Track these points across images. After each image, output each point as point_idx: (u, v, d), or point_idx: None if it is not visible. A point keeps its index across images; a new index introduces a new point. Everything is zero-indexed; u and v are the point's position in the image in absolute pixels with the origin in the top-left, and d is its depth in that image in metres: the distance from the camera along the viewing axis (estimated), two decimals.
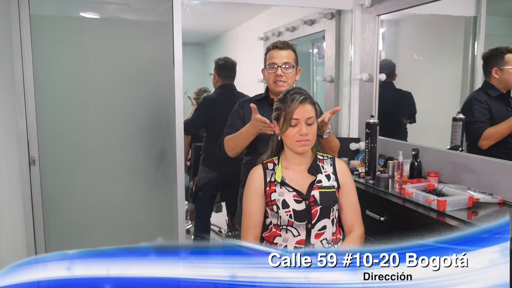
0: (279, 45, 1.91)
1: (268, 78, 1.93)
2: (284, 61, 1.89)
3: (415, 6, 2.34)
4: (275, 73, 1.89)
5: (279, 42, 1.93)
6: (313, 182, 1.55)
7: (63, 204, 2.39)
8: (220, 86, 3.03)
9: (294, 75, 1.92)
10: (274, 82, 1.90)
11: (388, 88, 2.69)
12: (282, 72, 1.89)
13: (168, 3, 2.32)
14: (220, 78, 3.04)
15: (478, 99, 2.10)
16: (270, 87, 1.95)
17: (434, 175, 2.07)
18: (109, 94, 2.41)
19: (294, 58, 1.92)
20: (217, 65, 3.06)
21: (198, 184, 3.08)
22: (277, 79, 1.89)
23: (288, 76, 1.89)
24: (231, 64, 3.06)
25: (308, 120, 1.51)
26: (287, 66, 1.89)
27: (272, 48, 1.93)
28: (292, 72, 1.90)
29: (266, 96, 1.97)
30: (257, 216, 1.56)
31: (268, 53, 1.95)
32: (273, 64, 1.90)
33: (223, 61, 3.06)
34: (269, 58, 1.93)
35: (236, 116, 1.98)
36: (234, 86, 3.06)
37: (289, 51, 1.91)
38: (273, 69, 1.90)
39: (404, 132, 2.65)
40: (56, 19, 2.33)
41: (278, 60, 1.89)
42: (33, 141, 2.26)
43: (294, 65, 1.92)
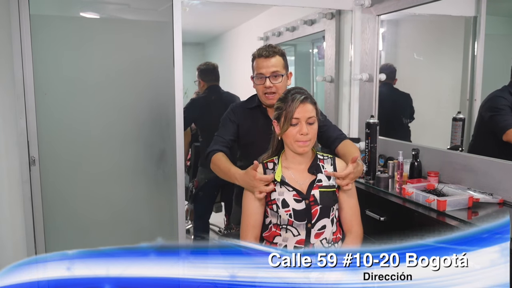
0: (264, 54, 1.79)
1: (258, 89, 1.84)
2: (271, 70, 1.78)
3: (415, 6, 2.35)
4: (264, 85, 1.79)
5: (264, 49, 1.80)
6: (313, 182, 1.55)
7: (63, 204, 2.39)
8: (207, 88, 3.12)
9: (284, 83, 1.81)
10: (264, 94, 1.81)
11: (387, 89, 2.69)
12: (271, 83, 1.78)
13: (168, 3, 2.32)
14: (205, 82, 3.14)
15: (503, 96, 2.07)
16: (260, 99, 1.86)
17: (434, 175, 2.07)
18: (109, 94, 2.41)
19: (282, 64, 1.81)
20: (200, 70, 3.16)
21: (198, 186, 3.08)
22: (266, 91, 1.80)
23: (278, 86, 1.79)
24: (213, 67, 3.15)
25: (309, 119, 1.51)
26: (275, 75, 1.79)
27: (257, 56, 1.81)
28: (281, 81, 1.79)
29: (259, 105, 1.90)
30: (257, 216, 1.57)
31: (255, 61, 1.84)
32: (260, 75, 1.80)
33: (204, 65, 3.16)
34: (256, 68, 1.82)
35: (228, 120, 1.90)
36: (220, 87, 3.15)
37: (277, 58, 1.79)
38: (261, 80, 1.80)
39: (407, 132, 2.65)
40: (56, 19, 2.33)
41: (265, 70, 1.78)
42: (33, 141, 2.26)
43: (284, 72, 1.81)
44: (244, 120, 1.89)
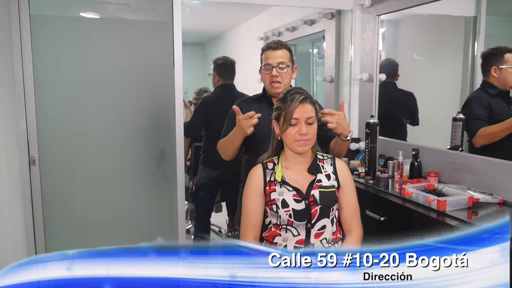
0: (273, 46, 1.90)
1: (264, 79, 1.93)
2: (278, 61, 1.88)
3: (415, 6, 2.34)
4: (270, 74, 1.89)
5: (273, 42, 1.92)
6: (313, 182, 1.55)
7: (63, 204, 2.39)
8: (220, 86, 3.01)
9: (290, 74, 1.91)
10: (270, 83, 1.90)
11: (390, 88, 2.69)
12: (277, 73, 1.88)
13: (168, 3, 2.32)
14: (220, 77, 3.01)
15: (477, 97, 2.10)
16: (266, 88, 1.95)
17: (434, 175, 2.07)
18: (109, 94, 2.41)
19: (289, 57, 1.91)
20: (216, 64, 3.04)
21: (198, 184, 3.07)
22: (272, 79, 1.89)
23: (283, 76, 1.89)
24: (230, 63, 3.04)
25: (308, 119, 1.51)
26: (282, 66, 1.88)
27: (266, 49, 1.92)
28: (287, 71, 1.89)
29: (264, 94, 1.98)
30: (257, 216, 1.57)
31: (263, 54, 1.94)
32: (268, 65, 1.90)
33: (222, 60, 3.04)
34: (264, 59, 1.93)
35: (233, 117, 1.93)
36: (234, 86, 3.04)
37: (284, 51, 1.90)
38: (268, 70, 1.89)
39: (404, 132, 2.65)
40: (56, 19, 2.33)
41: (272, 61, 1.89)
42: (33, 141, 2.26)
43: (290, 64, 1.90)
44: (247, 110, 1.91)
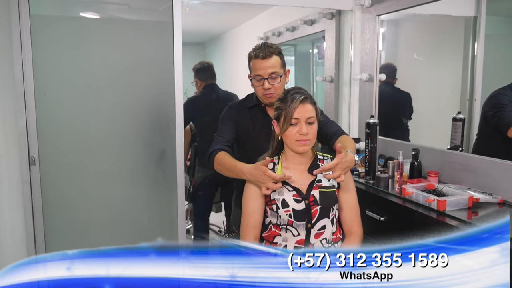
0: (261, 55, 1.74)
1: (256, 90, 1.82)
2: (269, 72, 1.74)
3: (415, 6, 2.35)
4: (263, 87, 1.76)
5: (261, 50, 1.75)
6: (313, 182, 1.55)
7: (63, 204, 2.39)
8: (204, 87, 3.09)
9: (283, 82, 1.79)
10: (263, 95, 1.80)
11: (387, 87, 2.69)
12: (270, 84, 1.75)
13: (168, 3, 2.32)
14: (202, 81, 3.10)
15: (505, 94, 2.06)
16: (260, 98, 1.85)
17: (434, 175, 2.07)
18: (109, 94, 2.41)
19: (280, 64, 1.77)
20: (196, 70, 3.13)
21: (196, 184, 3.08)
22: (265, 92, 1.77)
23: (276, 87, 1.76)
24: (208, 66, 3.12)
25: (309, 119, 1.51)
26: (274, 77, 1.75)
27: (254, 57, 1.77)
28: (280, 81, 1.76)
29: (258, 104, 1.87)
30: (257, 216, 1.56)
31: (251, 62, 1.79)
32: (258, 76, 1.76)
33: (199, 65, 3.13)
34: (253, 69, 1.78)
35: (227, 119, 1.87)
36: (217, 85, 3.11)
37: (273, 58, 1.75)
38: (260, 82, 1.77)
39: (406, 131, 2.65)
40: (56, 19, 2.33)
41: (263, 72, 1.75)
42: (33, 141, 2.26)
43: (281, 72, 1.77)
44: (243, 119, 1.87)
